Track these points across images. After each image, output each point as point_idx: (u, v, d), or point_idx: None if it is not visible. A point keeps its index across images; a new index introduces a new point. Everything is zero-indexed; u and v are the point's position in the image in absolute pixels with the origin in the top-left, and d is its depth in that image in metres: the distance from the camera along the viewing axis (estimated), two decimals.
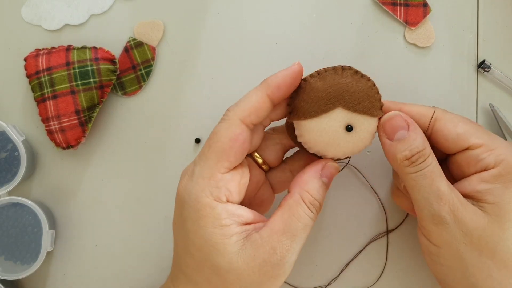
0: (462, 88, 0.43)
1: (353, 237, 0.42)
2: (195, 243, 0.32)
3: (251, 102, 0.33)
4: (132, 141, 0.43)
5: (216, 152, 0.32)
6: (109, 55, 0.41)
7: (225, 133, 0.33)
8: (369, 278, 0.42)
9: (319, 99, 0.33)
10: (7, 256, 0.41)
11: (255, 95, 0.33)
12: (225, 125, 0.33)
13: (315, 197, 0.33)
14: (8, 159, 0.41)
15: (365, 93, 0.34)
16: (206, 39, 0.43)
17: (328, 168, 0.34)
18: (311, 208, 0.33)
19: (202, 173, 0.32)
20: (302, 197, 0.33)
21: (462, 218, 0.32)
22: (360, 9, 0.43)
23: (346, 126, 0.34)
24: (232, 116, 0.33)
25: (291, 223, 0.32)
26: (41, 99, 0.40)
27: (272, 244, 0.31)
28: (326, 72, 0.34)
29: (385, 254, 0.42)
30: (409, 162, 0.33)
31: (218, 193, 0.32)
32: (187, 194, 0.32)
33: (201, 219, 0.31)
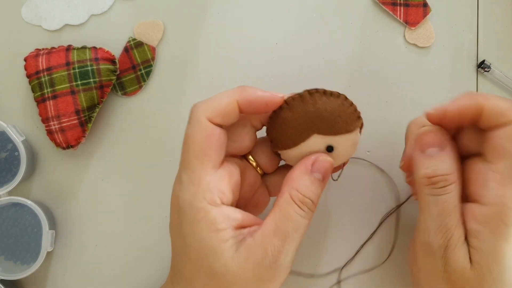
0: (462, 88, 0.43)
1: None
2: (192, 247, 0.32)
3: (220, 104, 0.32)
4: (132, 141, 0.43)
5: (196, 155, 0.32)
6: (109, 55, 0.41)
7: (197, 134, 0.32)
8: (384, 256, 0.42)
9: (292, 131, 0.33)
10: (7, 256, 0.41)
11: (225, 99, 0.32)
12: (195, 126, 0.32)
13: (305, 195, 0.32)
14: (8, 159, 0.41)
15: (336, 113, 0.33)
16: (206, 39, 0.43)
17: (319, 162, 0.33)
18: (302, 206, 0.32)
19: (190, 179, 0.32)
20: (292, 195, 0.32)
21: (450, 256, 0.31)
22: (360, 9, 0.43)
23: (326, 148, 0.34)
24: (199, 115, 0.32)
25: (281, 223, 0.31)
26: (41, 99, 0.40)
27: (264, 246, 0.31)
28: (294, 101, 0.33)
29: (396, 231, 0.42)
30: (429, 182, 0.32)
31: (212, 196, 0.31)
32: (181, 201, 0.32)
33: (197, 224, 0.31)
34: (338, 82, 0.43)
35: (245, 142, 0.35)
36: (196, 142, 0.32)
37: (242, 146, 0.35)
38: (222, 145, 0.33)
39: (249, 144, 0.35)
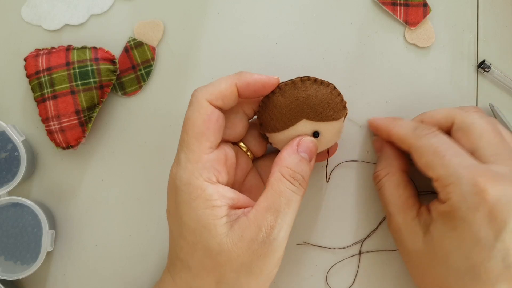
0: (462, 88, 0.43)
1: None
2: (188, 226, 0.32)
3: (220, 87, 0.34)
4: (132, 141, 0.43)
5: (195, 136, 0.33)
6: (109, 55, 0.41)
7: (197, 116, 0.34)
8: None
9: (283, 115, 0.35)
10: (7, 256, 0.41)
11: (225, 83, 0.34)
12: (195, 108, 0.34)
13: (295, 170, 0.34)
14: (8, 159, 0.41)
15: (325, 101, 0.35)
16: (206, 39, 0.43)
17: (303, 143, 0.35)
18: (293, 181, 0.34)
19: (188, 157, 0.33)
20: (282, 172, 0.34)
21: (402, 238, 0.37)
22: (360, 9, 0.43)
23: (313, 133, 0.36)
24: (200, 98, 0.34)
25: (273, 199, 0.33)
26: (41, 99, 0.40)
27: (257, 223, 0.32)
28: (286, 86, 0.36)
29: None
30: (373, 178, 0.41)
31: (208, 174, 0.33)
32: (178, 180, 0.33)
33: (193, 201, 0.32)
34: (338, 82, 0.43)
35: (238, 129, 0.37)
36: (196, 123, 0.34)
37: (235, 133, 0.37)
38: (220, 128, 0.34)
39: (242, 131, 0.37)
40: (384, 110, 0.43)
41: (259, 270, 0.33)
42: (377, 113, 0.43)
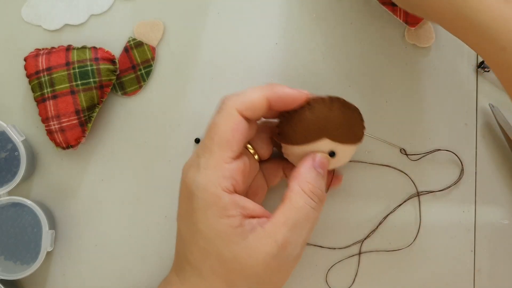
0: (462, 88, 0.43)
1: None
2: (202, 232, 0.32)
3: (251, 98, 0.34)
4: (132, 141, 0.43)
5: (219, 143, 0.33)
6: (109, 55, 0.41)
7: (225, 123, 0.33)
8: (408, 234, 0.43)
9: (307, 130, 0.35)
10: (7, 256, 0.41)
11: (256, 94, 0.34)
12: (224, 115, 0.33)
13: (315, 185, 0.34)
14: (8, 159, 0.41)
15: (350, 124, 0.36)
16: (206, 39, 0.43)
17: (319, 159, 0.35)
18: (313, 196, 0.33)
19: (208, 164, 0.33)
20: (302, 187, 0.33)
21: None
22: (360, 9, 0.43)
23: (330, 152, 0.36)
24: (230, 106, 0.33)
25: (292, 214, 0.32)
26: (41, 99, 0.40)
27: (275, 237, 0.32)
28: (316, 103, 0.35)
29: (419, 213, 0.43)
30: None
31: (226, 183, 0.32)
32: (195, 186, 0.33)
33: (209, 209, 0.32)
34: (338, 82, 0.43)
35: (252, 132, 0.36)
36: (222, 131, 0.33)
37: (249, 136, 0.36)
38: (244, 140, 0.34)
39: (253, 135, 0.37)
40: (384, 110, 0.43)
41: (271, 282, 0.33)
42: (377, 113, 0.43)
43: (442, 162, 0.43)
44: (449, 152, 0.42)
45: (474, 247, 0.43)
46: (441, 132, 0.43)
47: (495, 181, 0.43)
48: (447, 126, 0.43)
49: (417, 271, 0.43)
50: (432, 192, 0.43)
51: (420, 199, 0.43)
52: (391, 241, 0.43)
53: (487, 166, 0.43)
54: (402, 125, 0.43)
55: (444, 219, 0.43)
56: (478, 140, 0.43)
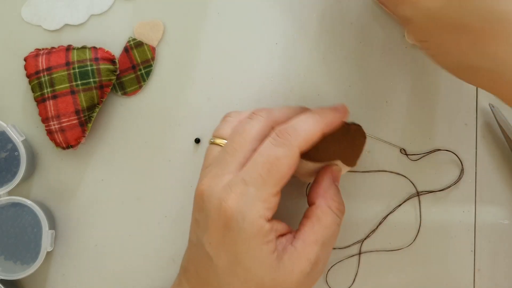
0: (462, 88, 0.43)
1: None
2: (244, 264, 0.32)
3: (313, 138, 0.34)
4: (132, 141, 0.43)
5: (276, 178, 0.32)
6: (109, 55, 0.41)
7: (286, 161, 0.32)
8: (408, 234, 0.43)
9: (327, 150, 0.36)
10: (7, 256, 0.41)
11: (315, 129, 0.34)
12: (287, 152, 0.33)
13: (339, 201, 0.35)
14: (8, 159, 0.41)
15: (359, 151, 0.38)
16: (206, 39, 0.43)
17: (335, 173, 0.36)
18: (339, 214, 0.35)
19: (259, 196, 0.32)
20: (330, 206, 0.34)
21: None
22: (360, 9, 0.43)
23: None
24: (293, 144, 0.33)
25: (322, 233, 0.33)
26: (41, 99, 0.40)
27: (307, 256, 0.33)
28: (342, 127, 0.36)
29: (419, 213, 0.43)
30: None
31: (269, 213, 0.32)
32: (241, 217, 0.32)
33: (253, 239, 0.32)
34: (338, 82, 0.43)
35: None
36: (283, 169, 0.32)
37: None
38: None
39: None
40: (384, 110, 0.43)
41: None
42: (377, 113, 0.43)
43: (442, 162, 0.43)
44: (449, 152, 0.42)
45: (474, 247, 0.43)
46: (441, 132, 0.43)
47: (495, 181, 0.43)
48: (447, 126, 0.43)
49: (417, 271, 0.43)
50: (432, 192, 0.43)
51: (420, 199, 0.43)
52: (391, 241, 0.43)
53: (487, 166, 0.43)
54: (402, 125, 0.43)
55: (444, 219, 0.43)
56: (478, 140, 0.43)
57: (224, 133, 0.36)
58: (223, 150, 0.35)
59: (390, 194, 0.43)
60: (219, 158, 0.35)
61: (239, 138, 0.34)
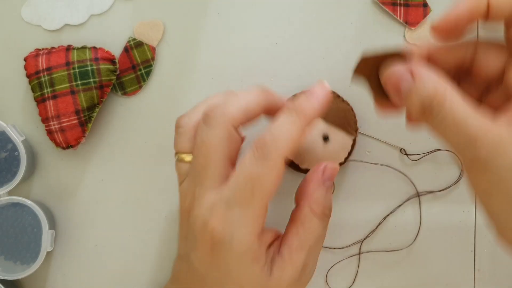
0: None
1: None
2: (235, 280, 0.32)
3: (294, 139, 0.30)
4: (132, 141, 0.43)
5: (260, 197, 0.30)
6: (109, 55, 0.41)
7: (270, 178, 0.30)
8: (408, 234, 0.43)
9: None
10: (7, 256, 0.41)
11: (296, 131, 0.31)
12: (269, 168, 0.30)
13: (324, 205, 0.33)
14: (8, 159, 0.41)
15: (344, 113, 0.39)
16: (206, 39, 0.43)
17: (328, 170, 0.34)
18: (324, 217, 0.33)
19: (245, 216, 0.30)
20: (313, 209, 0.33)
21: (509, 149, 0.26)
22: (360, 9, 0.43)
23: (323, 136, 0.39)
24: (274, 156, 0.30)
25: (305, 237, 0.32)
26: (41, 99, 0.40)
27: (293, 263, 0.32)
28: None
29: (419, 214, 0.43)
30: (426, 116, 0.28)
31: (257, 229, 0.31)
32: (228, 237, 0.30)
33: (243, 257, 0.31)
34: (338, 82, 0.43)
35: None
36: (267, 186, 0.30)
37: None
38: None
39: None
40: None
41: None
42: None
43: (442, 162, 0.43)
44: (449, 152, 0.42)
45: (474, 247, 0.43)
46: None
47: None
48: None
49: (417, 271, 0.43)
50: (432, 192, 0.43)
51: (420, 199, 0.43)
52: (391, 241, 0.43)
53: None
54: (402, 125, 0.43)
55: (444, 219, 0.43)
56: None
57: (185, 146, 0.34)
58: (193, 168, 0.33)
59: (390, 194, 0.43)
60: (193, 176, 0.33)
61: (204, 152, 0.32)
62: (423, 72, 0.29)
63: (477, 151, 0.27)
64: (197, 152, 0.32)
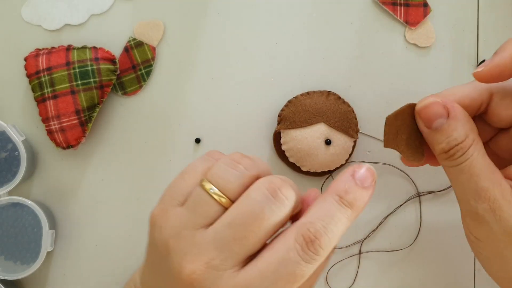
0: None
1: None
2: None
3: (342, 235, 0.28)
4: (132, 141, 0.43)
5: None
6: (109, 55, 0.41)
7: (308, 275, 0.27)
8: (409, 235, 0.43)
9: (306, 112, 0.39)
10: (7, 256, 0.41)
11: (348, 226, 0.28)
12: (316, 265, 0.27)
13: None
14: (8, 159, 0.41)
15: (345, 115, 0.40)
16: (206, 39, 0.43)
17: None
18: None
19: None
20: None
21: (504, 217, 0.29)
22: (360, 9, 0.43)
23: (326, 140, 0.39)
24: (325, 254, 0.27)
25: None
26: (41, 99, 0.40)
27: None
28: (314, 93, 0.41)
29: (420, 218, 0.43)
30: (447, 156, 0.30)
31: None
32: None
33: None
34: (338, 82, 0.43)
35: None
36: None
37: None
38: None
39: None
40: (384, 110, 0.43)
41: None
42: (377, 113, 0.43)
43: None
44: None
45: None
46: None
47: None
48: None
49: (417, 271, 0.43)
50: (433, 192, 0.43)
51: (421, 199, 0.43)
52: (392, 241, 0.43)
53: None
54: None
55: (444, 219, 0.43)
56: None
57: (232, 188, 0.28)
58: (224, 225, 0.27)
59: (391, 194, 0.43)
60: (218, 233, 0.27)
61: (255, 225, 0.27)
62: (458, 112, 0.31)
63: (478, 204, 0.29)
64: (247, 217, 0.26)
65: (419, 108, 0.32)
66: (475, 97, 0.32)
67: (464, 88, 0.32)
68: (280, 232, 0.27)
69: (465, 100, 0.32)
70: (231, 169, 0.28)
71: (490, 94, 0.32)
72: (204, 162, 0.30)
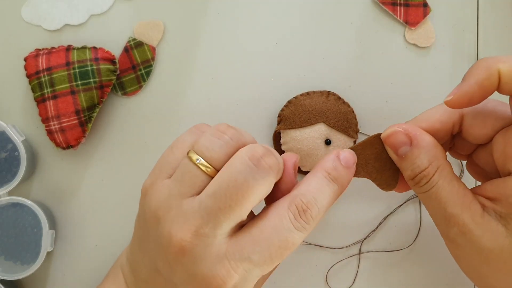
0: None
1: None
2: (202, 275, 0.29)
3: (329, 208, 0.31)
4: (132, 141, 0.43)
5: (282, 258, 0.29)
6: (109, 55, 0.41)
7: (299, 242, 0.30)
8: (409, 235, 0.43)
9: (305, 112, 0.39)
10: (7, 256, 0.41)
11: (334, 200, 0.31)
12: (303, 236, 0.30)
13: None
14: (8, 159, 0.41)
15: (345, 115, 0.40)
16: (206, 39, 0.43)
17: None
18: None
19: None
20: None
21: (474, 239, 0.30)
22: (360, 9, 0.43)
23: (325, 140, 0.39)
24: (314, 224, 0.30)
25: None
26: (41, 99, 0.40)
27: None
28: (314, 93, 0.41)
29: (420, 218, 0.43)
30: (414, 182, 0.31)
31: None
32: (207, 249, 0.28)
33: (214, 262, 0.29)
34: (338, 82, 0.43)
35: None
36: (293, 249, 0.30)
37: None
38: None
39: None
40: (384, 110, 0.43)
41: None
42: (377, 113, 0.43)
43: None
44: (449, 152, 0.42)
45: None
46: None
47: None
48: None
49: (417, 271, 0.43)
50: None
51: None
52: (391, 241, 0.43)
53: None
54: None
55: None
56: None
57: (216, 156, 0.30)
58: (212, 192, 0.28)
59: (391, 194, 0.43)
60: (206, 203, 0.28)
61: (240, 194, 0.28)
62: (421, 140, 0.31)
63: (449, 229, 0.30)
64: (230, 187, 0.28)
65: (383, 137, 0.33)
66: (445, 120, 0.32)
67: (435, 111, 0.33)
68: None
69: (436, 124, 0.32)
70: (216, 139, 0.30)
71: (460, 116, 0.33)
72: (192, 134, 0.32)
